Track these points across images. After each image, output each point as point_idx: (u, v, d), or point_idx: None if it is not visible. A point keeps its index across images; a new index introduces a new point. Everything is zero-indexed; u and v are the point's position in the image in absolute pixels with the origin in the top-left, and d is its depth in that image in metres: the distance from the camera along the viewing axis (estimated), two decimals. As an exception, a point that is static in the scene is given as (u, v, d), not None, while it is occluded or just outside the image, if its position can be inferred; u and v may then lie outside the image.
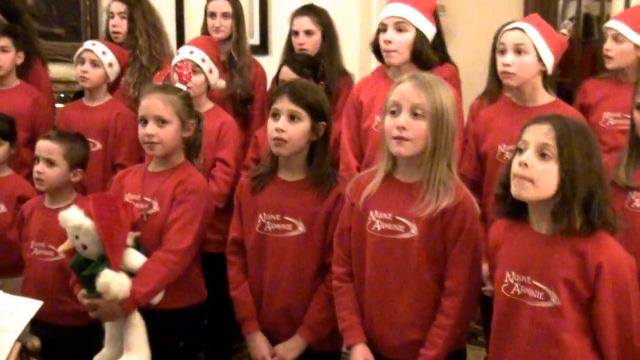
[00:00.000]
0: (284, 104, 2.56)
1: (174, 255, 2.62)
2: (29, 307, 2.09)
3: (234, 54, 3.79)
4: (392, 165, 2.37)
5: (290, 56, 3.58)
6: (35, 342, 2.21)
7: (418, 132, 2.26)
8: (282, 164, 2.65)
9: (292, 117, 2.55)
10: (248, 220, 2.69)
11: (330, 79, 3.47)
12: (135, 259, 2.61)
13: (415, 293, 2.33)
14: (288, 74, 3.32)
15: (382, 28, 3.10)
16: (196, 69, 3.30)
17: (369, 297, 2.40)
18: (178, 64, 3.03)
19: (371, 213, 2.36)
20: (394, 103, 2.30)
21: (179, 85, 2.83)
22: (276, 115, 2.57)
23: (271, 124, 2.58)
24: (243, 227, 2.71)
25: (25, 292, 2.94)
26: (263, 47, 4.56)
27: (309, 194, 2.59)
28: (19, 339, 2.04)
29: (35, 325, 2.35)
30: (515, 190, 2.05)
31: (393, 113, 2.30)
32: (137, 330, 2.59)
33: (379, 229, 2.35)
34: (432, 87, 2.28)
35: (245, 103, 3.80)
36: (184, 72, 2.87)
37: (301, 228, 2.59)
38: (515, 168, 2.05)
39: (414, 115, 2.26)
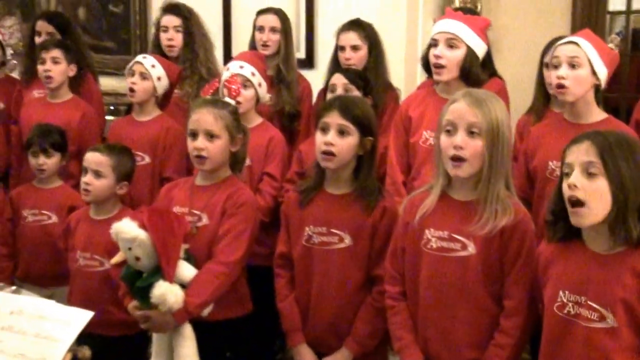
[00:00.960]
0: (333, 118, 2.58)
1: (225, 267, 2.66)
2: (80, 317, 2.11)
3: (282, 69, 3.82)
4: (446, 183, 2.36)
5: (346, 68, 3.58)
6: (86, 352, 2.22)
7: (475, 151, 2.25)
8: (329, 177, 2.67)
9: (341, 132, 2.57)
10: (295, 233, 2.71)
11: (376, 94, 3.47)
12: (186, 270, 2.64)
13: (471, 312, 2.31)
14: (340, 79, 3.34)
15: (434, 43, 3.11)
16: (246, 83, 3.33)
17: (424, 315, 2.38)
18: (228, 79, 3.06)
19: (426, 231, 2.36)
20: (449, 122, 2.29)
21: (227, 99, 2.85)
22: (325, 129, 2.59)
23: (320, 138, 2.60)
24: (290, 240, 2.73)
25: (71, 302, 2.99)
26: (309, 61, 4.58)
27: (356, 207, 2.61)
28: (69, 349, 2.06)
29: (81, 335, 2.38)
30: (574, 220, 2.03)
31: (448, 132, 2.29)
32: (188, 342, 2.62)
33: (434, 246, 2.34)
34: (486, 103, 2.27)
35: (293, 119, 3.83)
36: (233, 87, 2.89)
37: (347, 240, 2.60)
38: (566, 192, 2.03)
39: (470, 134, 2.25)
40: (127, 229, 2.59)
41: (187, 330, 2.62)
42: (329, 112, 2.60)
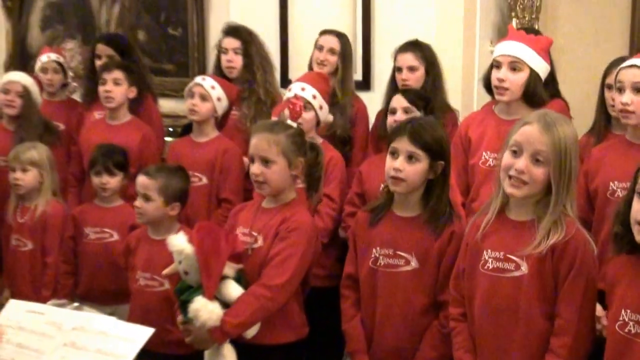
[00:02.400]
0: (403, 144, 2.57)
1: (267, 291, 2.62)
2: (141, 334, 2.13)
3: (337, 92, 3.83)
4: (505, 201, 2.34)
5: (406, 89, 3.57)
6: None
7: (536, 178, 2.23)
8: (398, 200, 2.65)
9: (410, 157, 2.56)
10: (362, 254, 2.69)
11: (434, 115, 3.45)
12: (233, 290, 2.63)
13: (525, 332, 2.27)
14: (400, 101, 3.31)
15: (496, 65, 3.09)
16: (307, 105, 3.33)
17: (479, 336, 2.37)
18: (292, 100, 3.07)
19: (484, 252, 2.34)
20: (516, 143, 2.26)
21: (289, 121, 2.84)
22: (395, 154, 2.58)
23: (389, 162, 2.59)
24: (357, 261, 2.71)
25: (131, 320, 2.91)
26: (365, 83, 4.57)
27: (423, 230, 2.59)
28: (130, 366, 2.08)
29: (141, 352, 2.40)
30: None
31: (514, 153, 2.27)
32: None
33: (490, 267, 2.32)
34: (557, 129, 2.23)
35: (345, 143, 3.83)
36: (296, 109, 2.89)
37: (414, 263, 2.58)
38: (637, 213, 1.99)
39: (535, 161, 2.23)
40: (176, 241, 2.63)
41: (226, 350, 2.62)
42: (399, 137, 2.59)
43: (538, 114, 2.31)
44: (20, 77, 4.13)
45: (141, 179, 3.11)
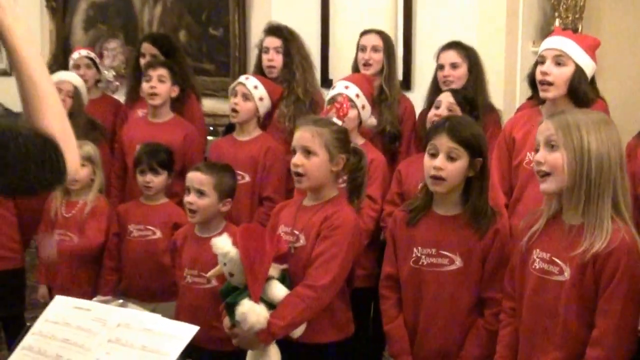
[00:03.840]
0: (442, 142, 2.54)
1: (312, 291, 2.61)
2: (186, 331, 2.13)
3: (385, 89, 3.82)
4: (557, 204, 2.31)
5: (457, 88, 3.56)
6: None
7: (555, 164, 2.21)
8: (438, 198, 2.63)
9: (451, 155, 2.53)
10: (402, 254, 2.67)
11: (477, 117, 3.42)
12: (278, 291, 2.63)
13: (563, 336, 2.25)
14: (447, 97, 3.31)
15: (541, 60, 3.04)
16: (350, 103, 3.32)
17: (523, 332, 2.36)
18: (338, 99, 3.06)
19: (534, 252, 2.32)
20: (536, 141, 2.29)
21: (335, 120, 2.83)
22: (434, 153, 2.56)
23: (428, 161, 2.57)
24: (397, 261, 2.70)
25: (179, 318, 2.99)
26: (406, 84, 4.55)
27: (466, 229, 2.57)
28: (174, 362, 2.09)
29: (188, 347, 2.40)
30: None
31: (537, 152, 2.29)
32: None
33: (537, 267, 2.30)
34: (565, 117, 2.24)
35: (394, 139, 3.81)
36: (342, 108, 2.87)
37: (458, 262, 2.56)
38: None
39: (551, 147, 2.23)
40: (220, 244, 2.62)
41: (272, 351, 2.62)
42: (437, 135, 2.56)
43: (551, 114, 2.34)
44: (71, 77, 4.19)
45: (196, 175, 3.11)
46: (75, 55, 4.67)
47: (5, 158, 1.44)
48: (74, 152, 1.58)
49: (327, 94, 3.44)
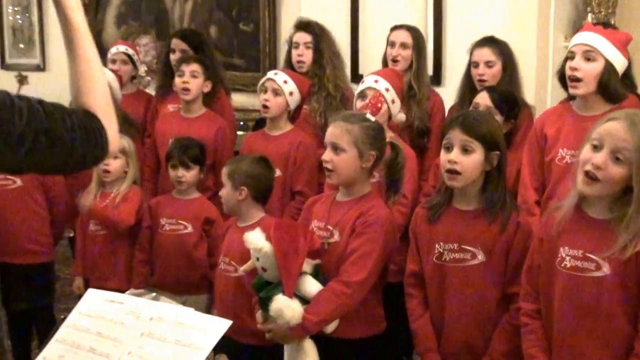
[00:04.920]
0: (456, 136, 2.53)
1: (347, 288, 2.61)
2: (219, 325, 2.14)
3: (414, 84, 3.81)
4: (582, 198, 2.27)
5: (493, 86, 3.53)
6: None
7: (611, 177, 2.16)
8: (457, 193, 2.62)
9: (465, 149, 2.52)
10: (424, 250, 2.66)
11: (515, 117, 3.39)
12: (311, 286, 2.63)
13: (606, 334, 2.21)
14: (485, 99, 3.29)
15: (570, 56, 3.01)
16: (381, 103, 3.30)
17: (557, 336, 2.31)
18: (368, 93, 3.05)
19: (561, 249, 2.27)
20: (598, 137, 2.20)
21: (368, 115, 2.81)
22: (449, 147, 2.55)
23: (443, 156, 2.56)
24: (420, 257, 2.69)
25: (214, 305, 3.14)
26: (436, 79, 4.53)
27: (487, 223, 2.55)
28: (208, 356, 2.09)
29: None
30: None
31: (595, 147, 2.20)
32: (308, 357, 2.61)
33: (568, 265, 2.25)
34: None
35: (423, 135, 3.81)
36: (376, 104, 2.86)
37: (480, 257, 2.54)
38: None
39: (615, 159, 2.15)
40: (254, 239, 2.63)
41: (308, 346, 2.62)
42: (451, 129, 2.55)
43: (626, 112, 2.24)
44: None
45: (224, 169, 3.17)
46: (113, 49, 4.70)
47: (56, 136, 1.51)
48: (115, 130, 1.65)
49: (357, 89, 3.42)
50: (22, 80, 4.99)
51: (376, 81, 3.39)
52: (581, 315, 2.24)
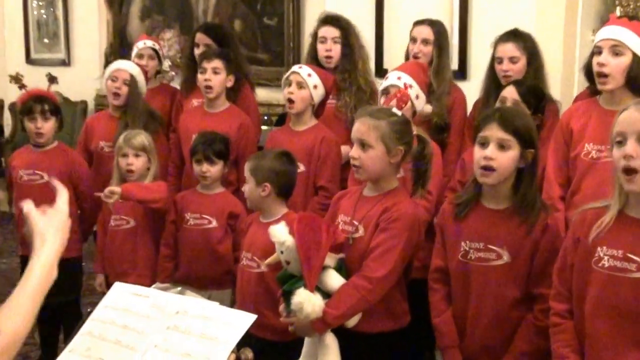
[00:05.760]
0: (493, 132, 2.49)
1: (368, 283, 2.59)
2: (244, 319, 2.14)
3: (433, 81, 3.77)
4: (624, 200, 2.22)
5: (520, 79, 3.50)
6: (248, 354, 2.26)
7: None
8: (487, 191, 2.58)
9: (502, 145, 2.48)
10: (451, 247, 2.64)
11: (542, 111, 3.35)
12: (334, 280, 2.62)
13: None
14: (512, 93, 3.25)
15: (597, 51, 2.98)
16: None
17: (590, 336, 2.26)
18: (392, 91, 3.03)
19: (599, 249, 2.23)
20: (618, 133, 2.17)
21: (395, 110, 2.77)
22: (484, 143, 2.51)
23: (478, 152, 2.52)
24: (446, 254, 2.67)
25: (236, 300, 3.12)
26: (461, 73, 4.51)
27: (515, 223, 2.51)
28: (233, 351, 2.10)
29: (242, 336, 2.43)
30: None
31: (619, 144, 2.17)
32: (330, 351, 2.61)
33: (606, 265, 2.21)
34: None
35: (441, 131, 3.78)
36: (403, 98, 2.84)
37: (506, 257, 2.51)
38: None
39: None
40: (277, 233, 2.62)
41: (329, 340, 2.61)
42: (488, 125, 2.51)
43: (634, 101, 2.23)
44: (127, 66, 4.20)
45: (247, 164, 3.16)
46: (140, 44, 4.71)
47: None
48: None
49: (381, 84, 3.40)
50: (52, 80, 5.04)
51: (399, 78, 3.36)
52: (617, 316, 2.19)
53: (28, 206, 1.73)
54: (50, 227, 1.72)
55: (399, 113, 2.76)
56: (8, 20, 7.37)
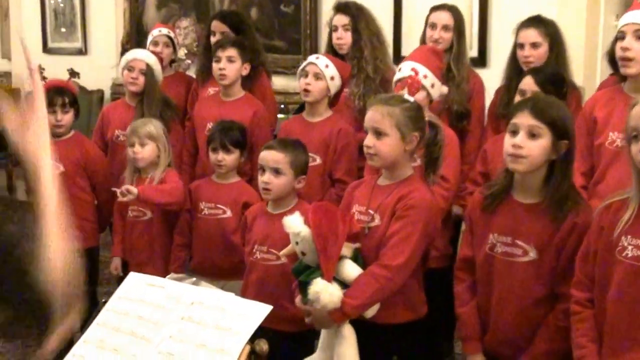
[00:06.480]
0: (524, 119, 2.43)
1: (387, 271, 2.57)
2: (259, 310, 2.12)
3: (453, 67, 3.73)
4: None
5: (538, 67, 3.44)
6: (263, 346, 2.24)
7: None
8: (518, 183, 2.52)
9: (532, 134, 2.42)
10: (478, 238, 2.60)
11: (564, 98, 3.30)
12: (350, 270, 2.59)
13: None
14: (530, 84, 3.19)
15: (621, 36, 2.93)
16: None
17: (610, 326, 2.24)
18: (411, 76, 3.00)
19: (623, 238, 2.19)
20: (633, 128, 2.14)
21: (407, 96, 2.75)
22: (514, 131, 2.45)
23: (508, 140, 2.46)
24: (474, 244, 2.63)
25: (246, 295, 2.99)
26: (481, 60, 4.47)
27: (544, 219, 2.45)
28: (248, 342, 2.08)
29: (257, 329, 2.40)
30: None
31: (635, 138, 2.14)
32: (347, 342, 2.58)
33: (629, 255, 2.17)
34: None
35: (461, 118, 3.73)
36: (414, 84, 2.81)
37: (532, 254, 2.46)
38: None
39: None
40: (292, 223, 2.61)
41: (347, 331, 2.59)
42: (520, 112, 2.45)
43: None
44: (144, 55, 4.18)
45: (271, 154, 3.07)
46: (155, 32, 4.69)
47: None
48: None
49: (395, 76, 3.35)
50: (73, 74, 5.07)
51: (413, 69, 3.29)
52: (638, 306, 2.16)
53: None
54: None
55: (412, 99, 2.74)
56: (25, 9, 7.37)
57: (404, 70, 3.32)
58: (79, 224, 3.80)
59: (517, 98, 3.18)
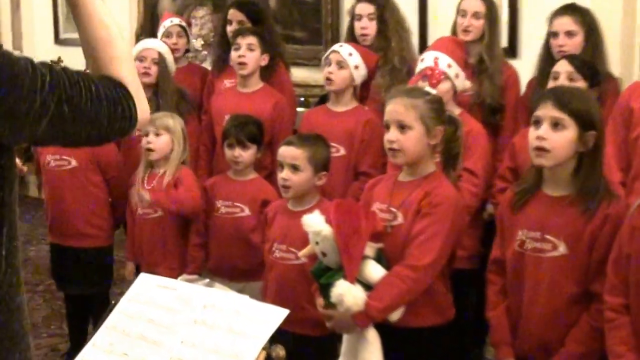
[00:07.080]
0: (546, 111, 2.36)
1: (413, 272, 2.50)
2: (276, 315, 2.03)
3: (485, 58, 3.60)
4: None
5: (575, 54, 3.31)
6: (280, 352, 2.17)
7: None
8: (547, 176, 2.44)
9: (556, 125, 2.34)
10: (508, 236, 2.52)
11: (599, 88, 3.17)
12: (374, 271, 2.52)
13: None
14: (565, 66, 3.10)
15: None
16: (442, 76, 3.15)
17: None
18: (431, 66, 2.95)
19: None
20: None
21: (428, 88, 2.70)
22: (538, 123, 2.38)
23: (532, 133, 2.39)
24: (503, 244, 2.54)
25: (266, 295, 2.99)
26: (511, 51, 4.34)
27: (574, 211, 2.36)
28: (264, 347, 2.00)
29: (275, 332, 2.32)
30: None
31: None
32: (371, 347, 2.53)
33: None
34: None
35: (495, 112, 3.60)
36: (435, 75, 2.72)
37: (562, 249, 2.37)
38: None
39: None
40: (312, 222, 2.55)
41: (371, 335, 2.52)
42: (542, 104, 2.38)
43: None
44: (155, 44, 4.12)
45: (289, 150, 3.00)
46: (167, 22, 4.61)
47: (80, 105, 1.42)
48: (143, 99, 1.56)
49: (417, 66, 3.27)
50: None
51: (436, 58, 3.20)
52: None
53: None
54: None
55: (433, 91, 2.70)
56: (37, 0, 7.33)
57: (427, 60, 3.24)
58: (92, 221, 3.76)
59: (551, 84, 3.07)
